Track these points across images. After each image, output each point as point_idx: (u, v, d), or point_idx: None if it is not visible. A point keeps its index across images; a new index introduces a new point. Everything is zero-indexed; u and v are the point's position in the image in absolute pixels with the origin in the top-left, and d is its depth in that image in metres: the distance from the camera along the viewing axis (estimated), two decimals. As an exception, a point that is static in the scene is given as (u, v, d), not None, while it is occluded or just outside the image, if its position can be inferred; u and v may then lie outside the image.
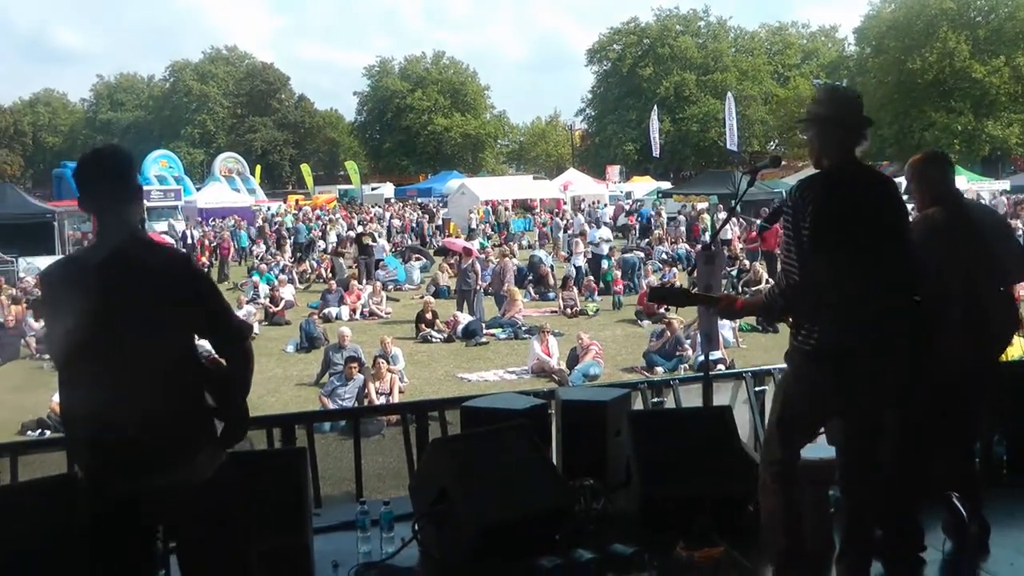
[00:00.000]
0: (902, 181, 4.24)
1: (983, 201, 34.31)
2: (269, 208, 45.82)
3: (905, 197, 3.76)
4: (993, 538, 4.08)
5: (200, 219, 37.50)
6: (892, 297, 3.36)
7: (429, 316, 16.31)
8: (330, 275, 21.90)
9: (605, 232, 25.51)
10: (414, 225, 36.47)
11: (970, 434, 4.27)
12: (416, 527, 4.12)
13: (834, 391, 3.38)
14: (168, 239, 29.76)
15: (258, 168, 59.82)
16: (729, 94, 44.04)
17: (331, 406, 10.92)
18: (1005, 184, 42.32)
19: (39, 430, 10.46)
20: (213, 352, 3.05)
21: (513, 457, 4.35)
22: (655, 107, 53.62)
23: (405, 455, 5.67)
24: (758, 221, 22.53)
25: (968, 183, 37.50)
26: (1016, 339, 8.54)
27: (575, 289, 19.18)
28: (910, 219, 3.73)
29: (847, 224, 3.31)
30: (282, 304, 18.79)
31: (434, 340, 15.80)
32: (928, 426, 3.92)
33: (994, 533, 4.09)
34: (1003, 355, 4.39)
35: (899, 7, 56.88)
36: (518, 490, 4.19)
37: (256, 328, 16.97)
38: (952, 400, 3.93)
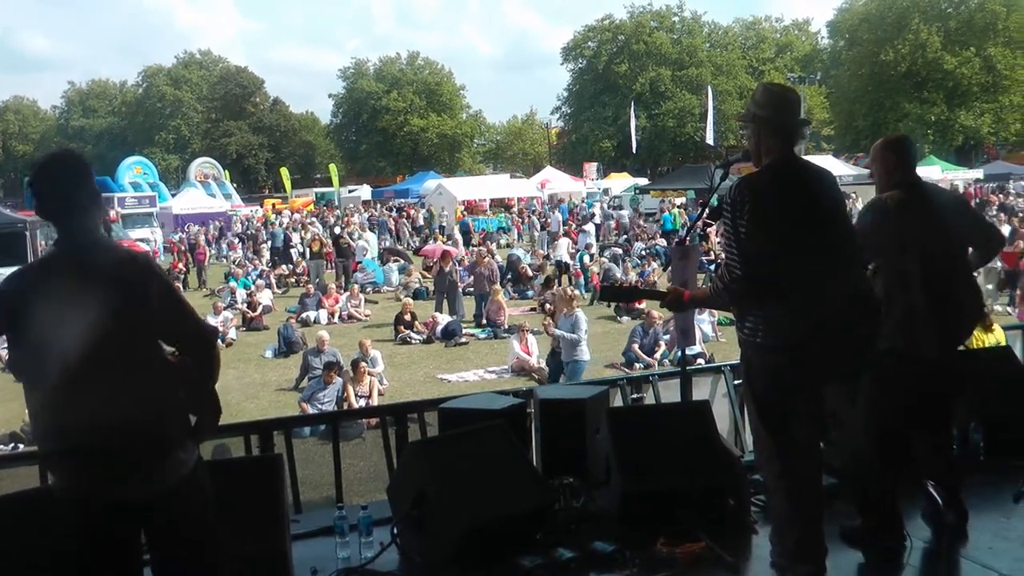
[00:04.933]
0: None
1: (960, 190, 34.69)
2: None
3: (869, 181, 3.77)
4: (971, 523, 4.10)
5: (176, 225, 37.24)
6: (835, 288, 3.40)
7: (408, 318, 16.26)
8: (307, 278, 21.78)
9: (589, 229, 25.89)
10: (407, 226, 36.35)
11: (946, 421, 4.27)
12: (395, 531, 4.09)
13: (791, 380, 3.40)
14: (145, 247, 29.49)
15: (230, 172, 59.35)
16: (708, 88, 44.12)
17: (311, 411, 10.84)
18: (979, 173, 42.91)
19: (11, 443, 10.30)
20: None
21: (491, 457, 4.31)
22: (632, 103, 53.67)
23: (385, 458, 5.62)
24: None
25: (943, 172, 37.93)
26: (995, 327, 8.59)
27: (556, 287, 19.16)
28: (848, 209, 3.76)
29: (784, 221, 3.35)
30: (260, 309, 18.62)
31: (413, 342, 15.75)
32: (901, 413, 3.93)
33: (972, 518, 4.11)
34: (968, 340, 4.40)
35: (871, 0, 57.43)
36: (497, 490, 4.15)
37: (234, 334, 16.88)
38: (926, 386, 3.94)
